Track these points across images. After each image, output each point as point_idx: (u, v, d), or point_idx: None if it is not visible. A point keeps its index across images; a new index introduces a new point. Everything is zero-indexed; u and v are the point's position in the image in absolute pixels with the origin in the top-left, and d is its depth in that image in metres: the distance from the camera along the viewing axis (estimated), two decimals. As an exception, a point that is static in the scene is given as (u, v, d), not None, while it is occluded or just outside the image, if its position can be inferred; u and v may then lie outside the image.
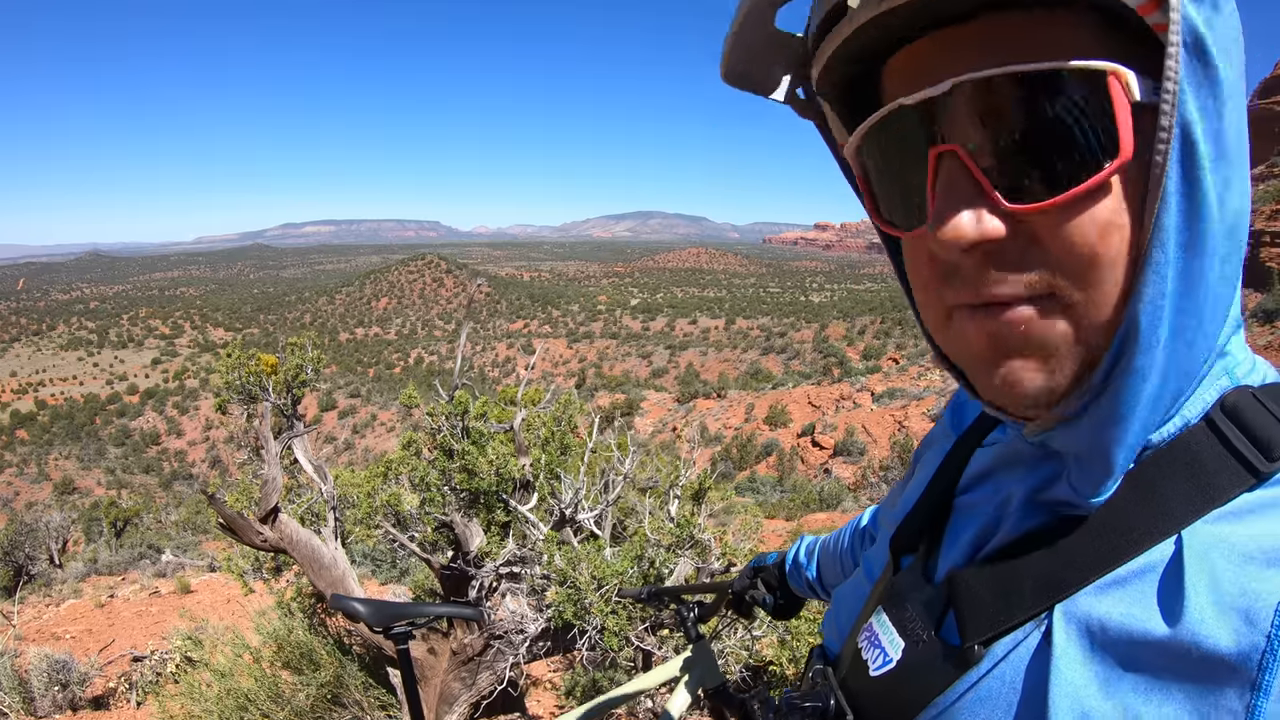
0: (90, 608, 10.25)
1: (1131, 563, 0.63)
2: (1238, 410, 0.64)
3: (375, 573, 12.02)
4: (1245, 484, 0.62)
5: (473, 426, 4.97)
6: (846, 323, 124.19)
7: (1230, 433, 0.63)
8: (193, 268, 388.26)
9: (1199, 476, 0.63)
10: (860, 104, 0.74)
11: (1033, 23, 0.60)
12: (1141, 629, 0.60)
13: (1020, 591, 0.68)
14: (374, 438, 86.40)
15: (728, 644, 4.65)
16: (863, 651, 0.86)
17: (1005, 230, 0.61)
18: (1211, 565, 0.59)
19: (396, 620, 2.73)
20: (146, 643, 8.26)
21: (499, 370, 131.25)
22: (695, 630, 2.27)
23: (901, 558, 0.90)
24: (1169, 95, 0.56)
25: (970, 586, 0.73)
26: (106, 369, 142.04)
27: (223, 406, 5.37)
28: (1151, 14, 0.56)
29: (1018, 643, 0.68)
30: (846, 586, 1.03)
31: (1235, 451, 0.63)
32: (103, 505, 23.52)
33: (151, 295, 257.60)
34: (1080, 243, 0.59)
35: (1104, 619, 0.62)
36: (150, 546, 17.69)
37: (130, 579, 13.44)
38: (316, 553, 4.70)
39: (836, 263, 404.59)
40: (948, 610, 0.76)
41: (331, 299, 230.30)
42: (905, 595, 0.82)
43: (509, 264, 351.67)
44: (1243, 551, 0.58)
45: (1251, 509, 0.61)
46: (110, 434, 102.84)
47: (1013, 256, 0.61)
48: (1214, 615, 0.56)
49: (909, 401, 39.81)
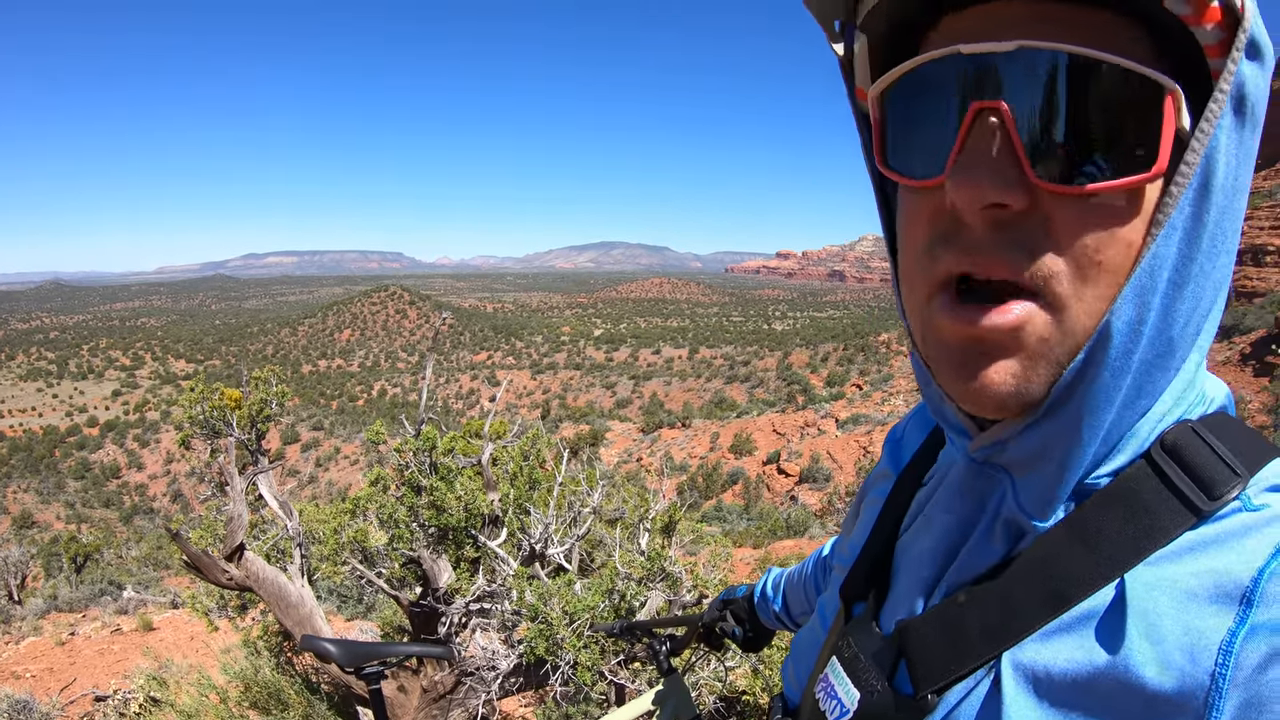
0: (51, 646, 10.03)
1: (1075, 608, 0.63)
2: (1178, 449, 0.64)
3: (341, 609, 11.87)
4: (1187, 523, 0.61)
5: (440, 462, 4.94)
6: (809, 350, 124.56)
7: (1172, 471, 0.63)
8: (154, 298, 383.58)
9: (1139, 518, 0.63)
10: (893, 58, 0.72)
11: (1082, 14, 0.60)
12: (1086, 677, 0.60)
13: (969, 640, 0.68)
14: (337, 471, 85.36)
15: (701, 675, 4.63)
16: (820, 702, 0.85)
17: (1024, 204, 0.60)
18: (1154, 606, 0.59)
19: (368, 660, 2.71)
20: (109, 682, 8.07)
21: (462, 402, 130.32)
22: (668, 663, 2.27)
23: (853, 605, 0.90)
24: (1203, 134, 0.57)
25: (920, 635, 0.73)
26: (66, 400, 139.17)
27: (186, 441, 5.31)
28: (1214, 59, 0.58)
29: (969, 690, 0.68)
30: (803, 634, 1.04)
31: (1176, 491, 0.62)
32: (62, 540, 23.04)
33: (112, 326, 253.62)
34: (1091, 241, 0.59)
35: (1048, 666, 0.62)
36: (111, 583, 17.34)
37: (91, 616, 13.16)
38: (283, 590, 4.64)
39: (798, 291, 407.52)
40: (899, 660, 0.76)
41: (294, 330, 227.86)
42: (858, 644, 0.82)
43: (472, 295, 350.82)
44: (1185, 590, 0.58)
45: (1192, 547, 0.61)
46: (70, 467, 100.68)
47: (1020, 235, 0.61)
48: (1156, 657, 0.57)
49: (873, 427, 40.02)
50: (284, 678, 5.09)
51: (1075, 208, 0.59)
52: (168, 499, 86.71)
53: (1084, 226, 0.59)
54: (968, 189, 0.60)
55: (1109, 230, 0.59)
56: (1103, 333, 0.60)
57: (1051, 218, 0.60)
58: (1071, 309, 0.60)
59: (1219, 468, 0.62)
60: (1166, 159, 0.58)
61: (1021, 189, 0.59)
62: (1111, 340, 0.60)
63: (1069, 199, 0.59)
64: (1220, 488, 0.61)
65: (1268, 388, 28.80)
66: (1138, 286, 0.59)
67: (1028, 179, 0.60)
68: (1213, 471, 0.62)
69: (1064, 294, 0.60)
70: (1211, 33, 0.57)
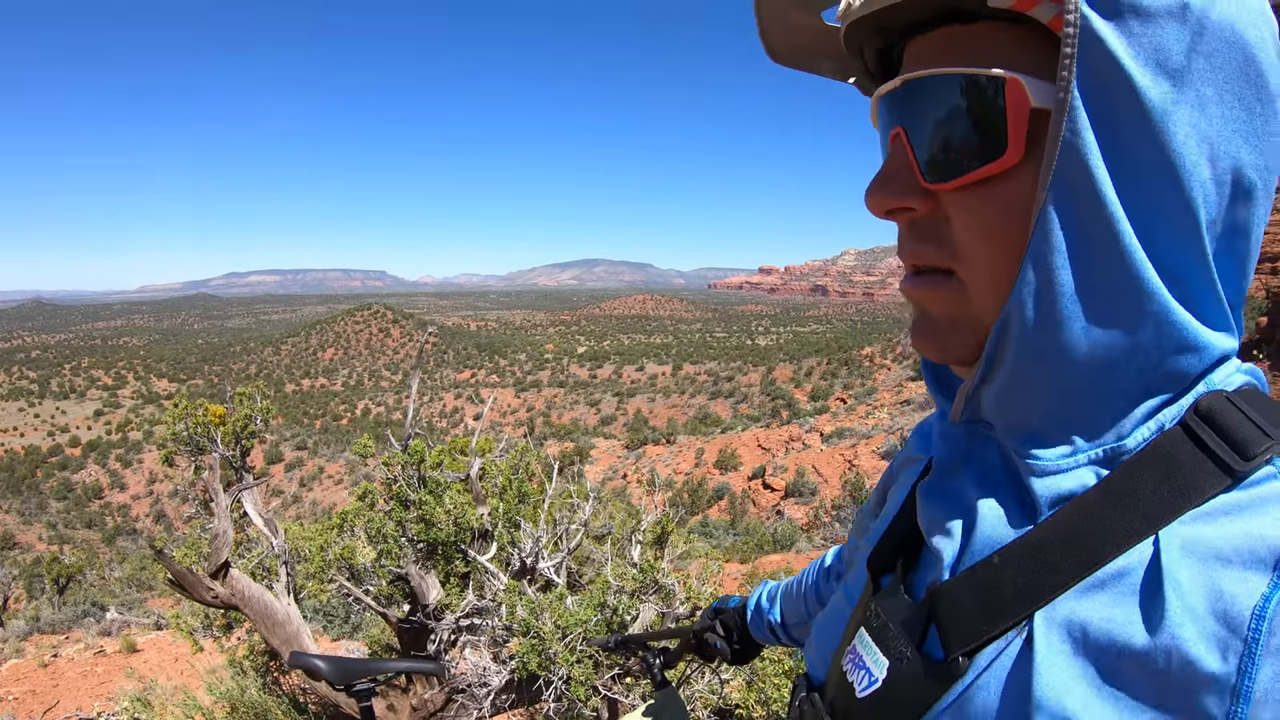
0: (33, 668, 9.95)
1: (1110, 565, 0.64)
2: (1212, 414, 0.65)
3: (327, 628, 11.79)
4: (1221, 484, 0.62)
5: (429, 476, 4.89)
6: (793, 365, 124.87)
7: (1205, 435, 0.64)
8: (136, 317, 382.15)
9: (1174, 477, 0.64)
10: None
11: (976, 34, 0.67)
12: (1123, 634, 0.60)
13: (1001, 600, 0.69)
14: (321, 490, 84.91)
15: (696, 688, 4.59)
16: (848, 674, 0.85)
17: (923, 205, 0.71)
18: (1189, 567, 0.59)
19: (358, 677, 2.66)
20: (93, 704, 8.01)
21: (447, 420, 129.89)
22: (661, 676, 2.23)
23: (881, 577, 0.90)
24: (1061, 103, 0.60)
25: (951, 599, 0.73)
26: (48, 420, 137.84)
27: (170, 458, 5.26)
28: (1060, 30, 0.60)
29: (1000, 651, 0.68)
30: (825, 613, 1.02)
31: (1210, 452, 0.63)
32: (45, 561, 22.88)
33: (94, 345, 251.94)
34: (972, 229, 0.68)
35: (1085, 622, 0.63)
36: (94, 604, 17.22)
37: (74, 637, 13.07)
38: (269, 609, 4.58)
39: (781, 305, 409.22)
40: (929, 625, 0.76)
41: (277, 349, 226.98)
42: (886, 614, 0.82)
43: (455, 313, 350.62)
44: (1219, 554, 0.59)
45: (1227, 510, 0.61)
46: (52, 487, 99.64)
47: (926, 230, 0.71)
48: (1192, 620, 0.57)
49: (858, 440, 40.00)
50: (271, 698, 5.02)
51: (965, 201, 0.68)
52: (150, 519, 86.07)
53: (971, 215, 0.68)
54: (871, 199, 0.73)
55: (991, 214, 0.66)
56: (1016, 296, 0.64)
57: (949, 213, 0.69)
58: (978, 283, 0.69)
59: (1252, 430, 0.63)
60: (1019, 142, 0.64)
61: (918, 194, 0.71)
62: (1024, 301, 0.64)
63: (957, 194, 0.68)
64: (1253, 448, 0.62)
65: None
66: (1035, 252, 0.62)
67: (920, 185, 0.70)
68: (1246, 433, 0.63)
69: (967, 272, 0.69)
70: (1045, 9, 0.62)
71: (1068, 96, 0.59)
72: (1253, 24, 0.62)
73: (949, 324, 0.73)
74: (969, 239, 0.68)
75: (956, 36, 0.69)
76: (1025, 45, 0.65)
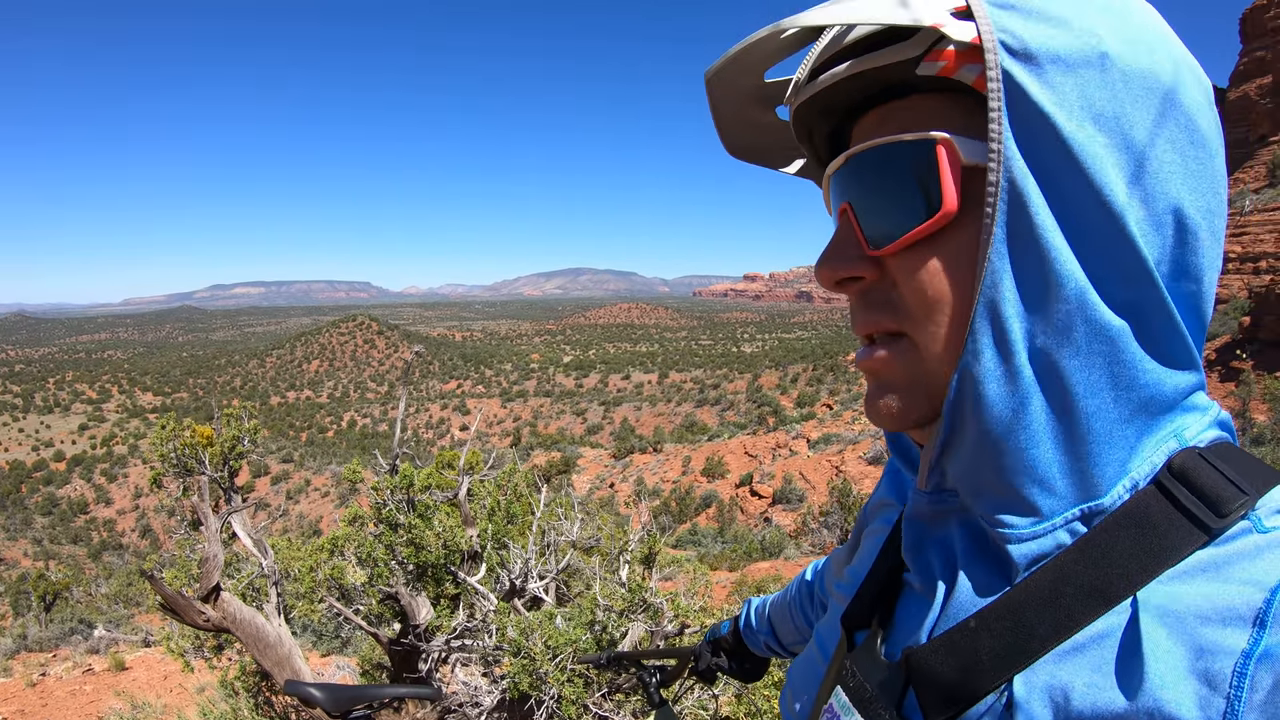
0: (21, 687, 9.93)
1: (1089, 628, 0.64)
2: (1185, 472, 0.65)
3: (317, 645, 11.76)
4: (1197, 542, 0.62)
5: (418, 499, 4.91)
6: (779, 372, 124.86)
7: (1179, 493, 0.64)
8: (120, 330, 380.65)
9: (1150, 537, 0.64)
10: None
11: (912, 106, 0.70)
12: (1105, 699, 0.60)
13: (979, 664, 0.68)
14: (308, 503, 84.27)
15: (686, 704, 4.62)
16: None
17: (871, 273, 0.72)
18: (1167, 627, 0.59)
19: (355, 704, 2.68)
20: (82, 726, 7.96)
21: (433, 431, 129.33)
22: (658, 695, 2.25)
23: (855, 634, 0.89)
24: (993, 155, 0.61)
25: (928, 663, 0.72)
26: (32, 434, 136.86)
27: (158, 480, 5.25)
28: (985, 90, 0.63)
29: (980, 715, 0.68)
30: (799, 664, 1.03)
31: (1185, 510, 0.63)
32: (31, 578, 22.77)
33: (78, 358, 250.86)
34: (920, 289, 0.68)
35: (1067, 687, 0.62)
36: (82, 621, 17.16)
37: (62, 655, 13.02)
38: (261, 631, 4.59)
39: (766, 312, 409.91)
40: (907, 688, 0.75)
41: (262, 362, 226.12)
42: (863, 673, 0.82)
43: (441, 324, 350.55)
44: (1197, 612, 0.59)
45: (1204, 568, 0.61)
46: (37, 502, 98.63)
47: (877, 298, 0.72)
48: (1174, 680, 0.57)
49: (845, 446, 39.99)
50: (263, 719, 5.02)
51: (910, 264, 0.69)
52: (136, 534, 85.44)
53: (915, 277, 0.68)
54: (820, 271, 0.75)
55: (933, 273, 0.67)
56: (970, 351, 0.64)
57: (897, 278, 0.70)
58: (930, 343, 0.68)
59: (1226, 486, 0.63)
60: (953, 197, 0.65)
61: (865, 262, 0.72)
62: (980, 355, 0.64)
63: (902, 258, 0.69)
64: (1228, 505, 0.62)
65: (1234, 393, 29.47)
66: (986, 303, 0.63)
67: (866, 253, 0.72)
68: (1220, 491, 0.63)
69: (918, 333, 0.69)
70: (968, 71, 0.64)
71: (1001, 148, 0.61)
72: (1175, 72, 0.63)
73: (905, 387, 0.72)
74: (917, 300, 0.68)
75: (893, 110, 0.71)
76: (958, 108, 0.67)
